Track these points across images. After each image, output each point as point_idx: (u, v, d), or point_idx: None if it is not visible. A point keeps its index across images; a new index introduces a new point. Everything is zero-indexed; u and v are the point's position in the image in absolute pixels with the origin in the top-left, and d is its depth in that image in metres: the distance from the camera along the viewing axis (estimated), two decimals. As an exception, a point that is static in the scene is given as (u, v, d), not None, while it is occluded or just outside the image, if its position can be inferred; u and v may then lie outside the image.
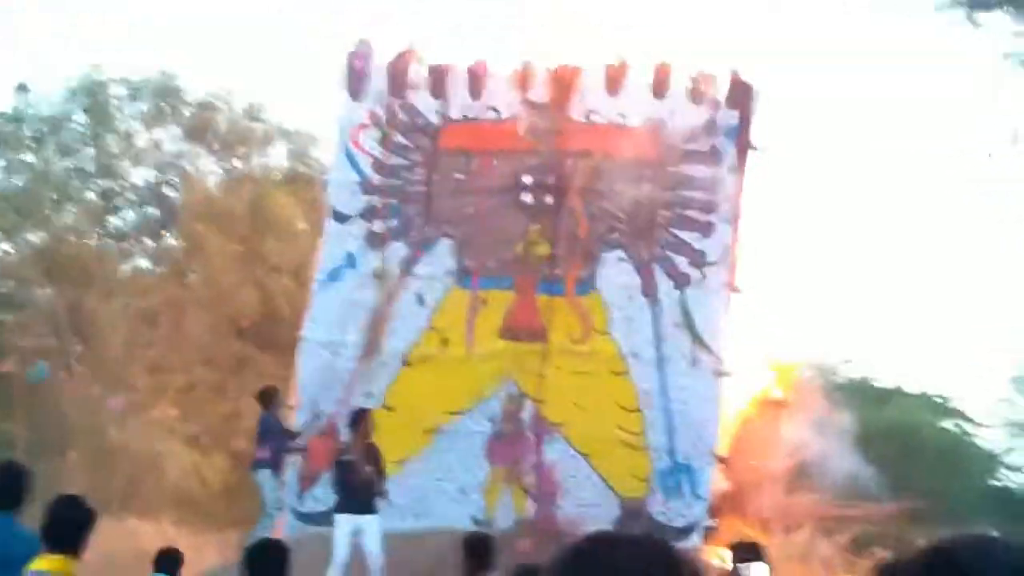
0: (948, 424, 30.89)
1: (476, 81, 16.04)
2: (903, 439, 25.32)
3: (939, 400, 31.63)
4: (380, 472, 12.21)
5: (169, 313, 26.28)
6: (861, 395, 27.31)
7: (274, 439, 13.85)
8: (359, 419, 12.78)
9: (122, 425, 24.48)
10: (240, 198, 27.36)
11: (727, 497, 14.99)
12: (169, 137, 28.83)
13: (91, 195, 28.44)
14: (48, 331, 24.94)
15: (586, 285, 15.17)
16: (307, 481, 15.12)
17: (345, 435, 13.77)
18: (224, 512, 22.47)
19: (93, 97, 27.45)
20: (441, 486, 14.67)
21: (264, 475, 13.76)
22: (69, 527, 5.64)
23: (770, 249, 15.88)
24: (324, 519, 13.19)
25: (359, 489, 11.94)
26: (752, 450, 15.68)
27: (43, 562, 5.60)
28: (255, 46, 45.22)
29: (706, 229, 15.09)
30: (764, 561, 2.98)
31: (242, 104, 28.76)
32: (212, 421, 25.69)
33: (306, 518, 14.82)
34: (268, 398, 14.21)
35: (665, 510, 14.34)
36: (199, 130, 28.54)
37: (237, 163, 29.36)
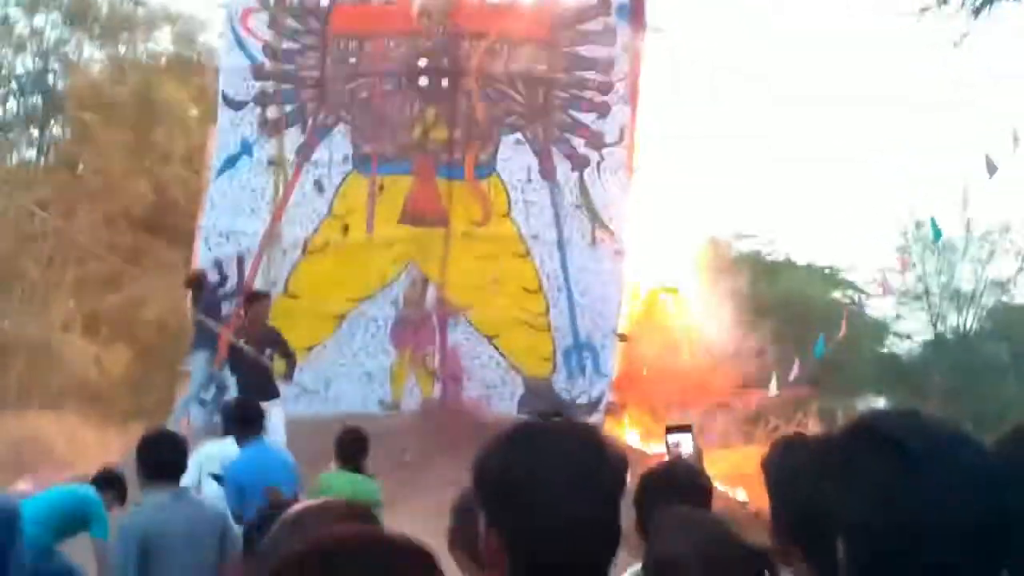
0: (838, 295, 31.73)
1: (366, -39, 15.76)
2: (795, 310, 25.94)
3: (829, 271, 32.45)
4: (288, 356, 12.20)
5: (59, 204, 25.76)
6: (753, 269, 27.93)
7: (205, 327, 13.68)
8: (249, 302, 12.74)
9: (17, 319, 24.12)
10: (127, 85, 26.74)
11: (626, 375, 15.32)
12: (49, 23, 27.93)
13: (-29, 85, 27.59)
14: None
15: (485, 169, 15.17)
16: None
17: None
18: (128, 404, 22.38)
19: (-32, -17, 26.46)
20: (347, 371, 14.76)
21: (199, 358, 13.64)
22: None
23: (666, 128, 16.03)
24: (230, 408, 13.18)
25: (252, 373, 11.86)
26: (650, 330, 16.02)
27: None
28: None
29: (603, 109, 15.13)
30: (691, 434, 3.29)
31: (123, -14, 27.93)
32: (109, 312, 25.41)
33: (210, 405, 14.87)
34: (198, 282, 14.07)
35: (569, 388, 14.61)
36: (80, 15, 27.70)
37: (122, 49, 28.60)
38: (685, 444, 3.33)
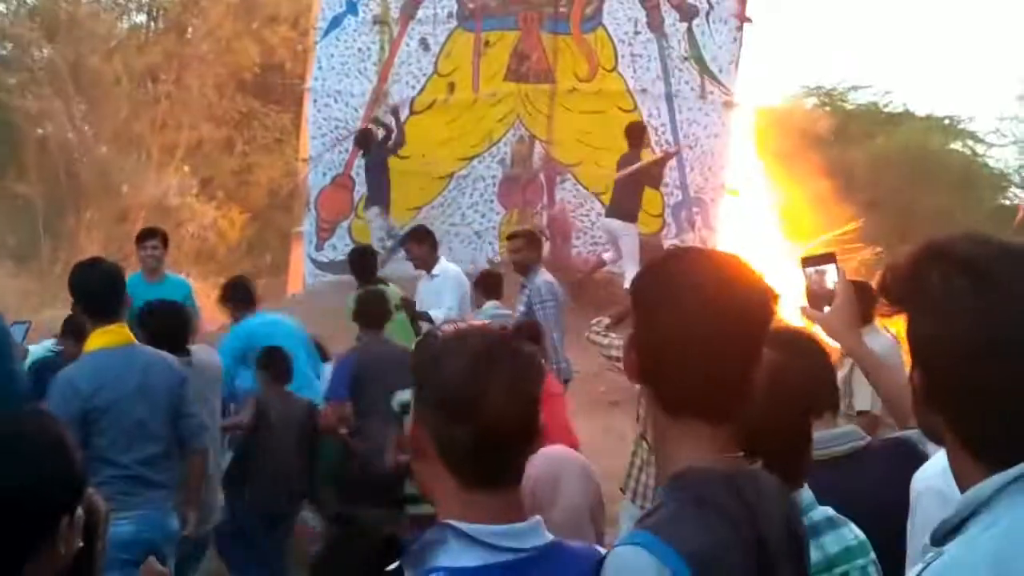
0: (958, 145, 30.78)
1: None
2: (913, 163, 25.27)
3: (948, 121, 31.45)
4: None
5: (170, 69, 26.01)
6: (871, 121, 27.19)
7: (378, 174, 13.92)
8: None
9: (135, 183, 24.59)
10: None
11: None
12: None
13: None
14: (52, 92, 24.74)
15: (591, 22, 14.88)
16: (324, 232, 15.33)
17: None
18: (244, 265, 22.74)
19: None
20: (457, 230, 14.81)
21: (373, 212, 13.94)
22: (112, 293, 5.30)
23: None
24: (340, 268, 13.34)
25: None
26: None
27: (103, 336, 5.23)
28: None
29: (712, -42, 14.67)
30: (835, 265, 2.76)
31: None
32: (223, 177, 25.79)
33: (324, 267, 15.11)
34: (365, 140, 14.22)
35: (679, 243, 14.45)
36: None
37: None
38: (830, 275, 2.76)
